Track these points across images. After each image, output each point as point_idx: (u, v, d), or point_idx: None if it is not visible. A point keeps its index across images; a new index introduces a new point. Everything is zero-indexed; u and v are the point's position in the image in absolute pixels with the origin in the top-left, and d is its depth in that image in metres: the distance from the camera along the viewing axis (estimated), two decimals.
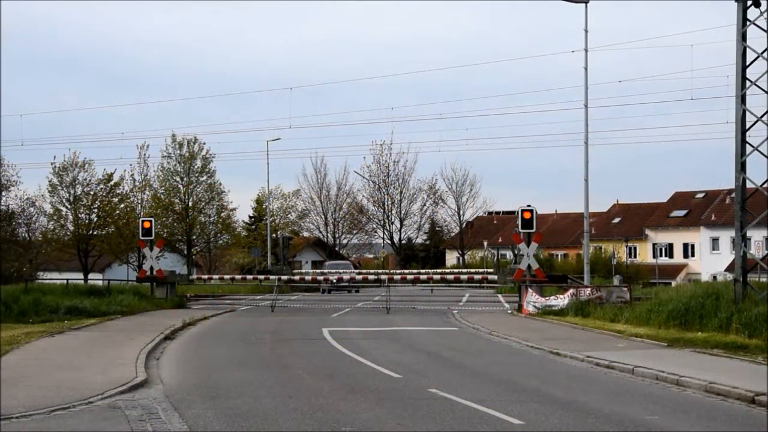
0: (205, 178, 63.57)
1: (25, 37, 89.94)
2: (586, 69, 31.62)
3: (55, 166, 63.51)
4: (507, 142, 79.01)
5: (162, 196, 58.60)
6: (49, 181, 63.46)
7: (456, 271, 56.32)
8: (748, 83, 22.80)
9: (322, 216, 76.06)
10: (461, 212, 77.87)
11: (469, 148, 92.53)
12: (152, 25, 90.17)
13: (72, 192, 57.11)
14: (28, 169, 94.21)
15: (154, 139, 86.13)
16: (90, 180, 63.61)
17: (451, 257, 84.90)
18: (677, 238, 74.18)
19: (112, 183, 62.83)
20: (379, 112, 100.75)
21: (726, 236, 65.01)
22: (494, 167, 72.55)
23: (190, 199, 57.80)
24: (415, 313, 31.90)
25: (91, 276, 54.26)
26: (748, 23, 22.70)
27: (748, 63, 22.75)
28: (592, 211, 40.21)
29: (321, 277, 41.62)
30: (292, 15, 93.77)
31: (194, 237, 57.54)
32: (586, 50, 31.61)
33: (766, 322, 19.37)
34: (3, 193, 53.69)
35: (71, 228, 55.25)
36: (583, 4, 31.02)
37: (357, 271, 53.68)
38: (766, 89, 22.53)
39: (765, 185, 23.02)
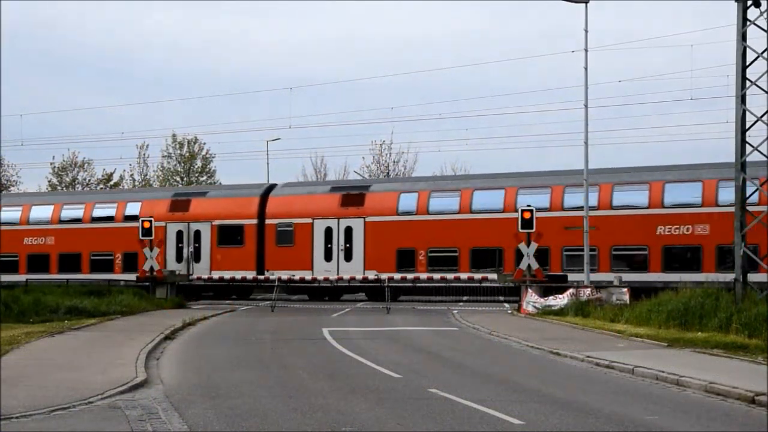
0: (205, 178, 63.69)
1: (25, 37, 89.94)
2: (586, 69, 31.59)
3: (54, 166, 63.48)
4: (507, 142, 78.84)
5: None
6: (49, 182, 63.51)
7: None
8: (748, 83, 22.81)
9: None
10: None
11: (469, 148, 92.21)
12: (152, 25, 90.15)
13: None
14: (28, 169, 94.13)
15: (154, 139, 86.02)
16: (90, 180, 63.58)
17: None
18: None
19: (111, 183, 62.90)
20: (379, 112, 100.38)
21: None
22: (494, 167, 72.52)
23: None
24: (415, 313, 31.90)
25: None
26: (748, 23, 22.71)
27: (748, 63, 22.77)
28: None
29: (321, 277, 41.57)
30: (293, 15, 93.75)
31: None
32: (586, 50, 31.58)
33: (766, 322, 19.37)
34: (3, 193, 53.72)
35: None
36: (583, 4, 31.00)
37: None
38: (766, 89, 22.54)
39: (765, 184, 23.05)
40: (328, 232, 37.19)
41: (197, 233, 39.42)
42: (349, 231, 36.75)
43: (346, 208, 37.16)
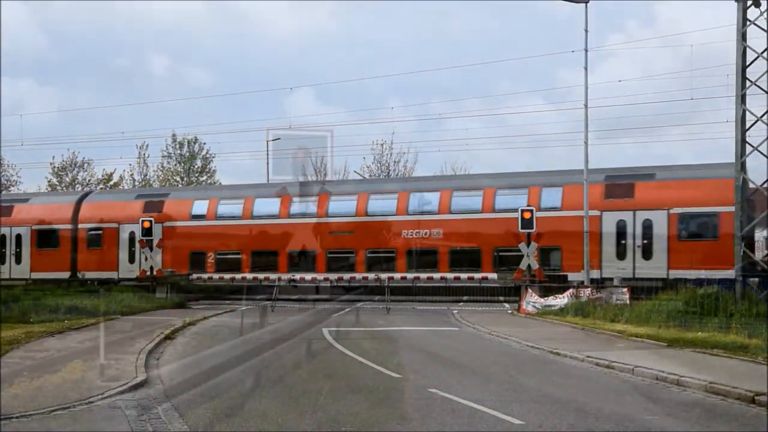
0: (205, 178, 63.69)
1: (25, 37, 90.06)
2: (586, 69, 31.61)
3: (54, 166, 63.47)
4: (507, 141, 78.78)
5: None
6: (49, 182, 63.52)
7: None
8: (748, 83, 22.82)
9: None
10: None
11: (469, 148, 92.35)
12: (152, 24, 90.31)
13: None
14: (28, 169, 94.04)
15: (154, 139, 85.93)
16: (90, 179, 63.61)
17: None
18: None
19: (111, 183, 62.91)
20: (379, 112, 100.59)
21: None
22: (494, 167, 72.42)
23: None
24: (415, 313, 31.90)
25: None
26: (748, 23, 22.73)
27: (748, 63, 22.78)
28: None
29: (321, 277, 41.63)
30: (293, 15, 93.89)
31: None
32: (586, 50, 31.59)
33: (766, 322, 19.38)
34: (3, 193, 53.74)
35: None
36: (583, 4, 31.01)
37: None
38: (766, 89, 22.56)
39: (765, 185, 23.06)
40: None
41: None
42: None
43: None
